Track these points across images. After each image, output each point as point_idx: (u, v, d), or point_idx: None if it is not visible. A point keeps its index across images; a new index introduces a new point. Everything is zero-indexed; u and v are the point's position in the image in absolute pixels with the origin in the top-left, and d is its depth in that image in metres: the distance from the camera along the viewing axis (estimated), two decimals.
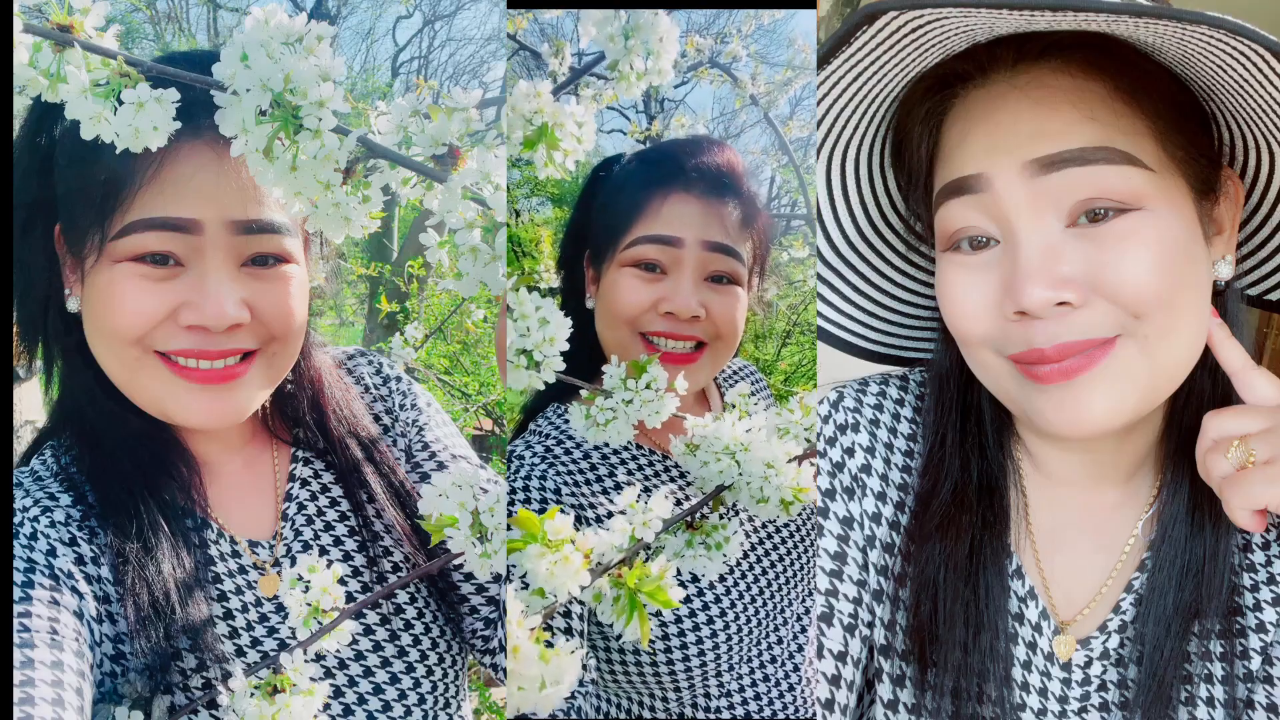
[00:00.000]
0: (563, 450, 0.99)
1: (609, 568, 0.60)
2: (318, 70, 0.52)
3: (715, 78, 1.77)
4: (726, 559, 0.68)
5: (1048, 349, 0.66)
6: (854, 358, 0.89)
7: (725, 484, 0.69)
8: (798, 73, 1.92)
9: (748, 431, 0.71)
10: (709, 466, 0.69)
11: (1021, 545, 0.79)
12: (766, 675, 1.02)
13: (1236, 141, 0.71)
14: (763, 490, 0.68)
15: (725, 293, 1.00)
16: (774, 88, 1.87)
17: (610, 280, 1.00)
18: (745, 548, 1.05)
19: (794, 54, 1.94)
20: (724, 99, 2.05)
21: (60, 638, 0.66)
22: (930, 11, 0.58)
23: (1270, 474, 0.61)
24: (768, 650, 1.03)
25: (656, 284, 0.98)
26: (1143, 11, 0.55)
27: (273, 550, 0.83)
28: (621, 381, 0.72)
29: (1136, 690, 0.74)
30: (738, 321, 1.01)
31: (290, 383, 0.86)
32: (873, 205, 0.82)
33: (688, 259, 0.98)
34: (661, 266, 0.98)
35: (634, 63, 0.68)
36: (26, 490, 0.76)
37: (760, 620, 1.02)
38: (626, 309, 0.98)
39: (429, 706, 0.85)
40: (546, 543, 0.57)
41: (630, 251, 0.98)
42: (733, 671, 0.99)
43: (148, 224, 0.71)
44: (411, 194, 0.58)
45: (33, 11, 0.51)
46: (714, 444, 0.69)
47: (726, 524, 0.69)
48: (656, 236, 0.97)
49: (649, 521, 0.62)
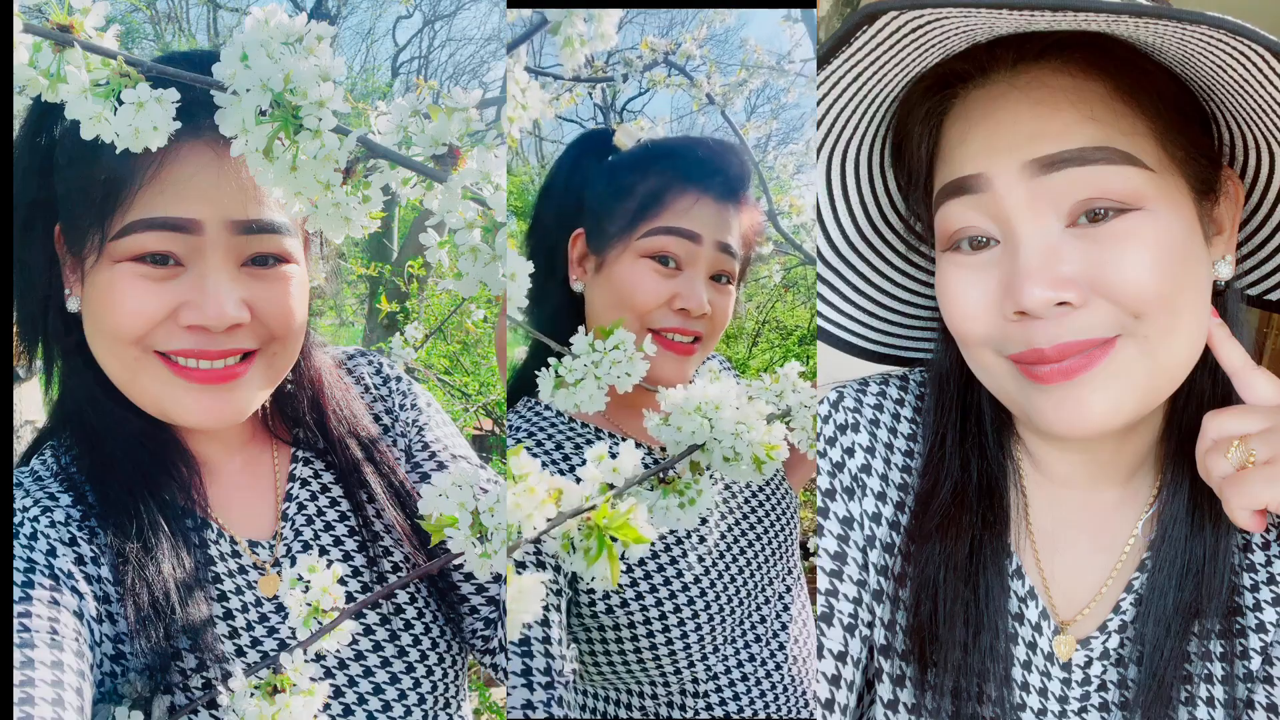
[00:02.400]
0: (535, 443, 0.99)
1: (580, 511, 0.60)
2: (318, 70, 0.52)
3: (672, 83, 1.77)
4: (698, 509, 0.68)
5: (1048, 349, 0.66)
6: (854, 358, 0.89)
7: (697, 442, 0.69)
8: (752, 72, 1.92)
9: (721, 391, 0.71)
10: (682, 429, 0.70)
11: (1021, 545, 0.79)
12: (752, 655, 1.02)
13: (1236, 141, 0.71)
14: (735, 449, 0.68)
15: (724, 291, 1.03)
16: (729, 88, 1.87)
17: (621, 269, 1.00)
18: (722, 516, 1.05)
19: (747, 54, 1.94)
20: (680, 105, 2.04)
21: (60, 638, 0.66)
22: (930, 11, 0.58)
23: (1270, 474, 0.61)
24: (751, 630, 1.03)
25: (672, 279, 0.99)
26: (1143, 11, 0.55)
27: (273, 550, 0.83)
28: (589, 345, 0.71)
29: (1136, 690, 0.74)
30: (729, 318, 1.05)
31: (290, 383, 0.86)
32: (873, 205, 0.82)
33: (703, 256, 1.00)
34: (678, 261, 0.99)
35: (577, 25, 0.69)
36: (26, 490, 0.76)
37: (742, 599, 1.03)
38: (642, 301, 0.98)
39: (429, 706, 0.85)
40: (510, 477, 0.57)
41: (648, 241, 0.98)
42: (718, 653, 0.99)
43: (148, 224, 0.71)
44: (411, 194, 0.58)
45: (33, 11, 0.51)
46: (686, 404, 0.69)
47: (698, 479, 0.69)
48: (680, 230, 0.99)
49: (617, 469, 0.62)
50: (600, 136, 1.09)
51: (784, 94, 2.26)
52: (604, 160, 1.07)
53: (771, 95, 2.52)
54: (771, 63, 1.97)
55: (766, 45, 1.96)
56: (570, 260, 1.05)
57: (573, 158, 1.11)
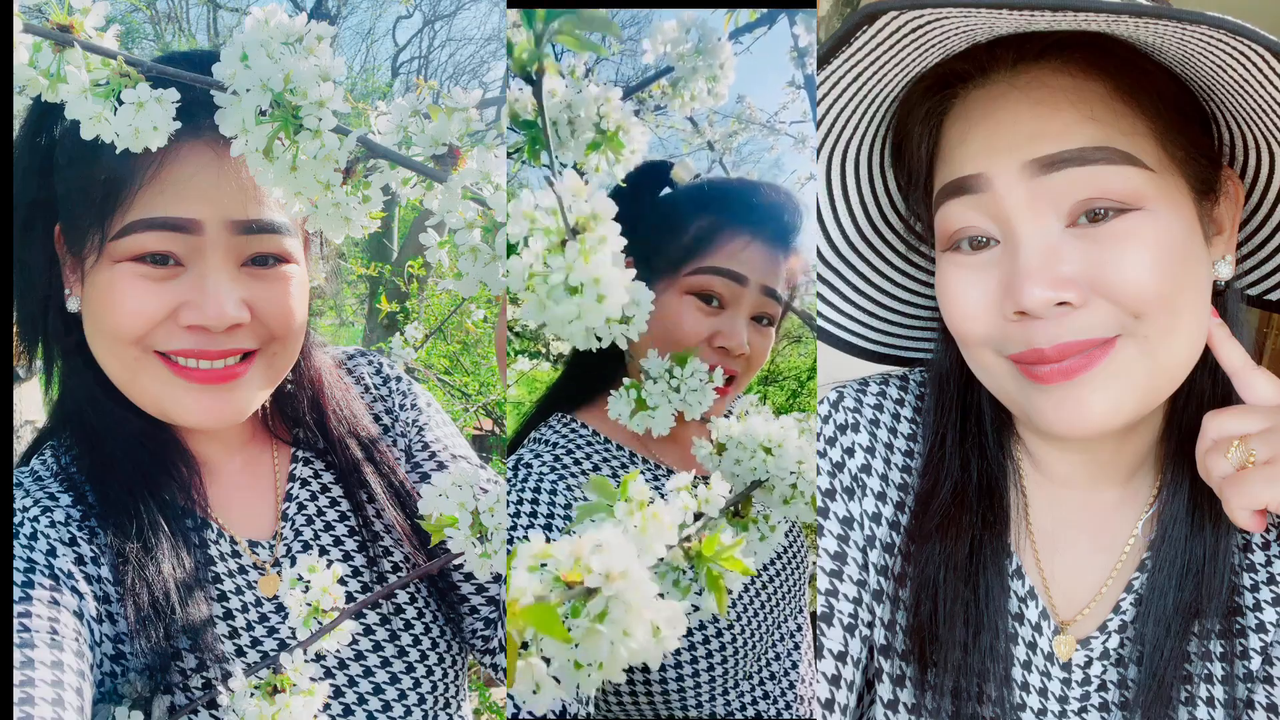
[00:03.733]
0: (572, 460, 0.98)
1: (684, 538, 0.59)
2: (318, 70, 0.52)
3: (661, 124, 1.81)
4: (774, 545, 0.68)
5: (1048, 349, 0.66)
6: (854, 358, 0.89)
7: (760, 479, 0.69)
8: (744, 125, 1.99)
9: (781, 429, 0.71)
10: (742, 464, 0.69)
11: (1021, 545, 0.79)
12: (767, 693, 1.03)
13: (1236, 141, 0.71)
14: (795, 486, 0.68)
15: (764, 333, 1.03)
16: (723, 136, 1.93)
17: (666, 303, 1.00)
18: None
19: (741, 109, 2.01)
20: (665, 143, 2.08)
21: (60, 638, 0.66)
22: (930, 11, 0.58)
23: (1270, 474, 0.61)
24: (767, 667, 1.03)
25: (714, 317, 0.99)
26: (1143, 11, 0.55)
27: (273, 550, 0.83)
28: (666, 371, 0.72)
29: (1136, 690, 0.74)
30: (765, 359, 1.05)
31: (290, 383, 0.86)
32: (873, 205, 0.82)
33: (747, 299, 1.00)
34: (722, 300, 1.00)
35: (699, 83, 0.73)
36: (26, 490, 0.76)
37: (760, 637, 1.03)
38: (684, 337, 0.99)
39: (429, 706, 0.85)
40: (630, 500, 0.55)
41: (696, 279, 0.99)
42: (736, 689, 0.99)
43: (148, 224, 0.71)
44: (411, 194, 0.58)
45: (33, 11, 0.51)
46: (747, 441, 0.69)
47: (770, 513, 0.69)
48: (728, 271, 0.99)
49: (710, 499, 0.62)
50: (659, 169, 1.10)
51: (769, 151, 2.30)
52: (658, 192, 1.08)
53: (755, 150, 2.58)
54: (763, 120, 2.03)
55: (760, 104, 2.03)
56: None
57: (632, 185, 1.12)
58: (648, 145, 0.65)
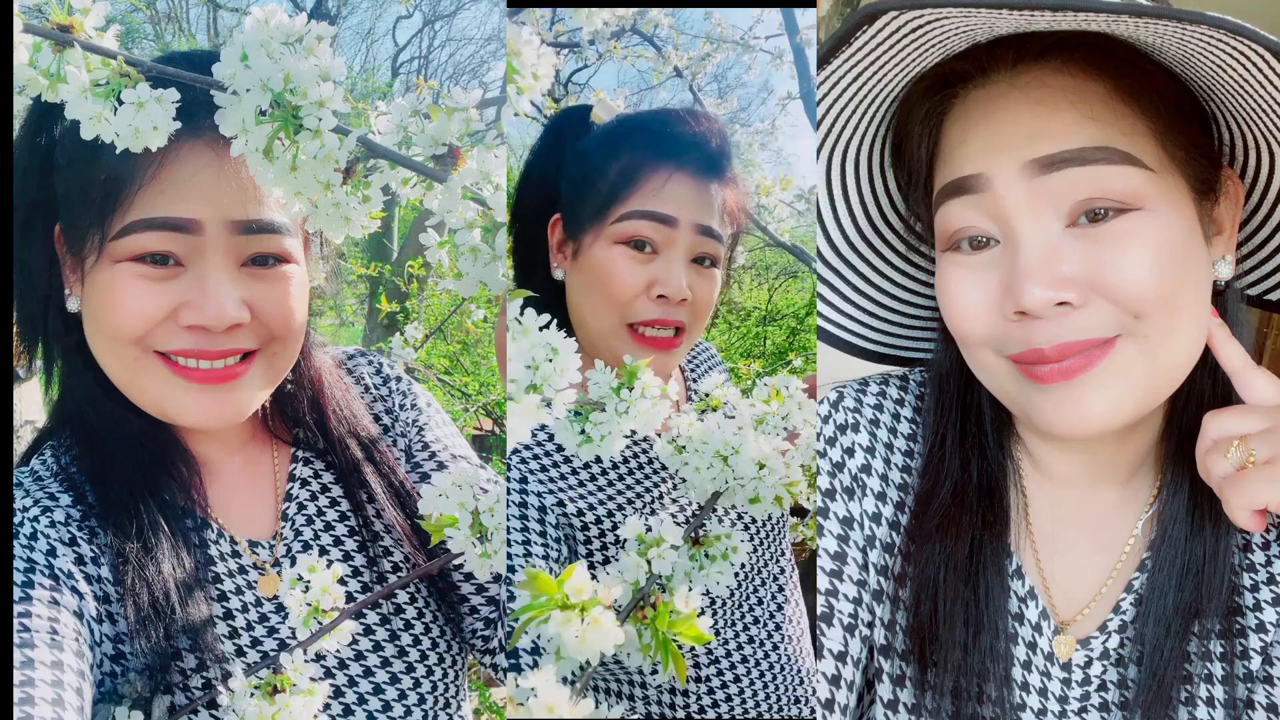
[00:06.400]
0: (562, 458, 0.97)
1: (630, 610, 0.58)
2: (318, 70, 0.53)
3: (631, 54, 1.72)
4: (735, 568, 0.67)
5: (1048, 349, 0.66)
6: (854, 358, 0.89)
7: (719, 489, 0.68)
8: (716, 45, 1.89)
9: (737, 432, 0.69)
10: (701, 473, 0.68)
11: (1021, 545, 0.79)
12: (751, 637, 1.02)
13: (1236, 141, 0.71)
14: (757, 490, 0.67)
15: (706, 275, 0.97)
16: (694, 60, 1.82)
17: (597, 257, 0.94)
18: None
19: (711, 26, 1.90)
20: (632, 79, 1.96)
21: (60, 638, 0.66)
22: (930, 11, 0.58)
23: (1270, 474, 0.61)
24: (750, 613, 1.03)
25: (648, 264, 0.94)
26: (1143, 11, 0.55)
27: (273, 550, 0.83)
28: (614, 390, 0.67)
29: (1136, 690, 0.74)
30: (714, 304, 1.00)
31: (290, 383, 0.86)
32: (873, 205, 0.82)
33: (680, 240, 0.94)
34: (653, 245, 0.94)
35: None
36: (26, 490, 0.76)
37: (740, 583, 1.03)
38: (621, 291, 0.93)
39: (429, 706, 0.85)
40: (568, 606, 0.53)
41: (622, 226, 0.93)
42: (719, 637, 0.99)
43: (148, 224, 0.71)
44: (411, 194, 0.58)
45: (33, 11, 0.51)
46: (704, 449, 0.68)
47: (730, 533, 0.68)
48: (653, 214, 0.93)
49: (663, 554, 0.60)
50: (579, 113, 1.01)
51: (746, 72, 2.22)
52: (581, 139, 0.99)
53: (735, 73, 2.47)
54: (736, 37, 1.94)
55: (731, 20, 1.93)
56: (550, 247, 0.99)
57: (551, 137, 1.04)
58: (553, 71, 0.58)
